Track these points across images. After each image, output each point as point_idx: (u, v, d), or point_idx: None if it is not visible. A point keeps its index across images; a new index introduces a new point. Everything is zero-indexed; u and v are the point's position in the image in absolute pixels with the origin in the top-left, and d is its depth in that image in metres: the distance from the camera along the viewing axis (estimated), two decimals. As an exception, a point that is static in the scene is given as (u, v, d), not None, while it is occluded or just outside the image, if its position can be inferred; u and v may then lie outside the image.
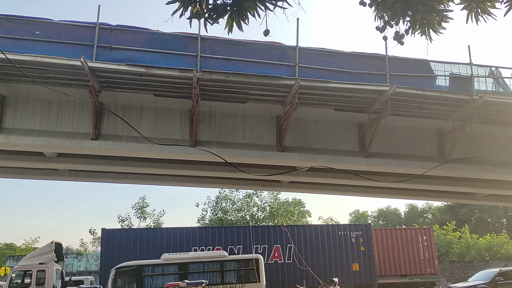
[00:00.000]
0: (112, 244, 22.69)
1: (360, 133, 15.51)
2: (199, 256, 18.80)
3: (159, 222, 42.75)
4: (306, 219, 43.60)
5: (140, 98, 14.09)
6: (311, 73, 13.61)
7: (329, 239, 24.36)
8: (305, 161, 15.20)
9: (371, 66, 14.25)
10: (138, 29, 13.23)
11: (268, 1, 5.00)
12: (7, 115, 13.51)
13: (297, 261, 23.41)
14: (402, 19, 5.70)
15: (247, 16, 5.03)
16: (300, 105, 13.58)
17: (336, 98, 14.37)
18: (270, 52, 13.68)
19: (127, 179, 19.03)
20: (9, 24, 12.50)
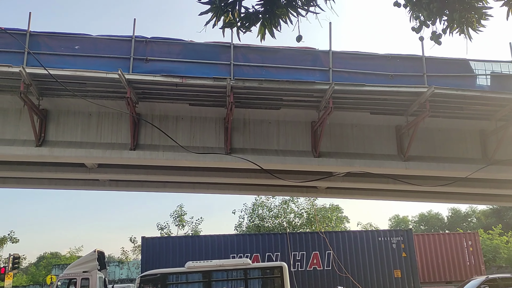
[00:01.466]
0: (152, 252, 23.00)
1: (398, 136, 15.21)
2: (222, 264, 18.81)
3: (197, 230, 43.18)
4: (344, 225, 43.09)
5: (176, 108, 14.29)
6: (345, 77, 13.48)
7: (369, 245, 23.91)
8: (341, 166, 15.02)
9: (408, 68, 13.98)
10: (172, 41, 13.45)
11: (300, 7, 4.99)
12: (50, 128, 13.96)
13: (336, 268, 23.10)
14: (439, 18, 5.56)
15: (279, 23, 5.03)
16: (335, 110, 13.45)
17: (371, 101, 14.16)
18: (303, 58, 13.63)
19: (165, 187, 19.33)
20: (51, 41, 12.95)
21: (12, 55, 12.57)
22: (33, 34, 12.80)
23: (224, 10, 4.74)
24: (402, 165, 14.92)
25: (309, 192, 20.26)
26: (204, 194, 25.84)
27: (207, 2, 4.70)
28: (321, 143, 14.31)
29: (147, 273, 18.51)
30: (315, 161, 14.56)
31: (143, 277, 18.09)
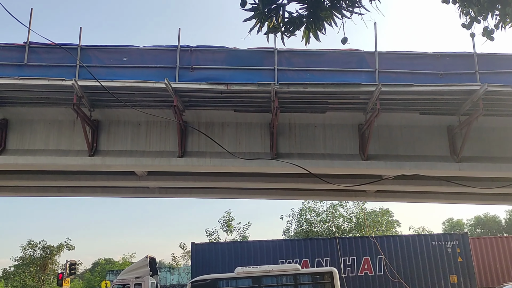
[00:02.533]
0: (202, 258, 23.24)
1: (450, 136, 14.68)
2: (272, 269, 18.66)
3: (245, 236, 43.33)
4: (395, 229, 42.05)
5: (222, 114, 14.42)
6: (392, 78, 13.16)
7: (422, 249, 23.16)
8: (391, 169, 14.65)
9: (458, 66, 13.49)
10: (216, 48, 13.60)
11: (344, 9, 4.90)
12: (101, 138, 14.41)
13: (388, 273, 22.53)
14: (491, 13, 5.32)
15: (323, 26, 4.96)
16: (383, 112, 13.15)
17: (421, 101, 13.75)
18: (348, 60, 13.43)
19: (213, 194, 19.54)
20: (100, 54, 13.40)
21: (64, 69, 13.09)
22: (84, 48, 13.28)
23: (267, 15, 4.72)
24: (456, 166, 14.37)
25: (358, 196, 19.90)
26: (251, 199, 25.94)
27: (250, 9, 4.70)
28: (369, 146, 14.03)
29: (197, 279, 18.71)
30: (363, 164, 14.29)
31: (193, 283, 18.30)
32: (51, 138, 14.35)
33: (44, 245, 44.74)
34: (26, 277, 44.08)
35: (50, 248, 44.64)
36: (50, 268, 44.77)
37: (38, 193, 19.65)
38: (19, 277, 44.56)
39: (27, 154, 14.11)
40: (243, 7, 4.74)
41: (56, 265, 45.55)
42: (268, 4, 4.70)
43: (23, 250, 44.85)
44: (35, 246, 44.69)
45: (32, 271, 44.22)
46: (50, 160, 14.13)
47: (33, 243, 44.67)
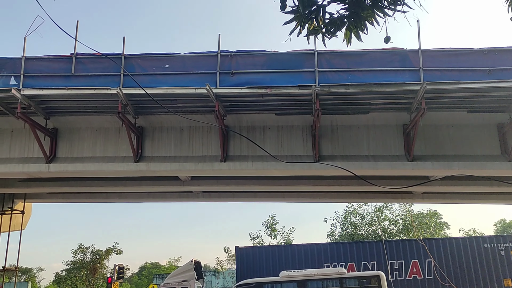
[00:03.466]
0: (246, 262, 23.27)
1: (500, 134, 14.09)
2: (317, 273, 18.38)
3: (289, 239, 43.14)
4: (444, 232, 40.75)
5: (262, 118, 14.42)
6: (437, 76, 12.77)
7: (473, 252, 22.31)
8: (438, 169, 14.21)
9: (507, 61, 12.93)
10: (256, 52, 13.62)
11: (386, 7, 4.77)
12: (146, 144, 14.72)
13: (438, 277, 21.83)
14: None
15: (365, 26, 4.85)
16: (428, 111, 12.78)
17: (468, 99, 13.28)
18: (391, 59, 13.14)
19: (255, 197, 19.57)
20: (143, 62, 13.71)
21: (109, 78, 13.45)
22: (127, 57, 13.61)
23: (308, 17, 4.66)
24: (507, 165, 13.77)
25: (404, 198, 19.45)
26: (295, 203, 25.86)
27: (290, 12, 4.66)
28: (414, 146, 13.66)
29: (242, 282, 18.76)
30: (409, 165, 13.92)
31: (239, 286, 18.36)
32: (98, 145, 14.77)
33: (94, 250, 46.10)
34: (77, 281, 45.55)
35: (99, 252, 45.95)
36: (100, 272, 46.08)
37: (87, 199, 20.30)
38: (70, 281, 46.13)
39: (76, 161, 14.59)
40: (283, 10, 4.70)
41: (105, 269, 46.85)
42: (308, 6, 4.64)
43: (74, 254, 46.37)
44: (85, 250, 46.12)
45: (83, 275, 45.65)
46: (98, 167, 14.54)
47: (83, 247, 46.12)
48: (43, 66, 13.82)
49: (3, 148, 14.79)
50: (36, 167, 14.54)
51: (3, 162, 14.63)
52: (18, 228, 18.62)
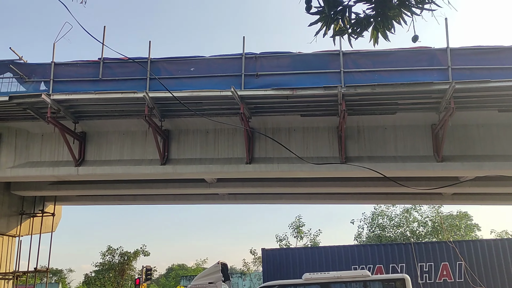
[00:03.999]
0: (273, 264, 23.18)
1: (533, 134, 13.68)
2: (340, 275, 18.11)
3: (316, 241, 42.87)
4: (475, 233, 39.80)
5: (288, 120, 14.37)
6: (466, 75, 12.50)
7: (506, 254, 21.68)
8: (468, 170, 13.90)
9: (540, 58, 12.56)
10: (281, 54, 13.60)
11: (414, 6, 4.68)
12: (172, 147, 14.84)
13: (470, 280, 21.33)
14: None
15: (392, 25, 4.76)
16: (457, 110, 12.49)
17: (499, 98, 12.94)
18: (418, 58, 12.93)
19: (281, 199, 19.51)
20: (169, 66, 13.84)
21: (135, 82, 13.63)
22: (153, 61, 13.77)
23: (334, 18, 4.60)
24: (541, 165, 13.37)
25: (433, 199, 19.09)
26: (321, 204, 25.73)
27: (316, 12, 4.61)
28: (443, 147, 13.39)
29: (266, 284, 18.70)
30: (438, 166, 13.65)
31: None
32: (125, 148, 14.97)
33: (122, 251, 46.72)
34: (106, 282, 46.24)
35: (127, 254, 46.55)
36: (128, 273, 46.68)
37: (115, 202, 20.61)
38: (99, 282, 46.86)
39: (104, 164, 14.81)
40: (308, 11, 4.65)
41: (133, 270, 47.44)
42: (334, 6, 4.58)
43: (103, 256, 47.09)
44: (113, 252, 46.79)
45: (111, 276, 46.32)
46: (125, 170, 14.74)
47: (112, 249, 46.79)
48: (72, 71, 14.11)
49: (34, 152, 15.14)
50: (66, 170, 14.84)
51: (34, 166, 14.98)
52: (49, 230, 19.02)
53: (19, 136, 15.27)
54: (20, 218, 17.94)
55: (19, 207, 17.99)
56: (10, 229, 17.50)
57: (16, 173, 15.09)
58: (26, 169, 14.99)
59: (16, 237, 17.97)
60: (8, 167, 15.02)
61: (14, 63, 14.21)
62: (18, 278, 17.96)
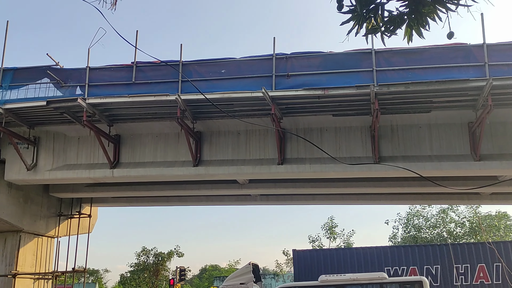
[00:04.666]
0: (304, 265, 23.03)
1: None
2: (356, 278, 17.86)
3: (349, 242, 42.43)
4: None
5: (319, 120, 14.26)
6: (504, 71, 12.12)
7: (549, 256, 20.94)
8: (508, 169, 13.45)
9: None
10: (312, 54, 13.52)
11: (449, 2, 4.55)
12: (204, 149, 14.96)
13: (510, 282, 20.67)
14: None
15: (427, 22, 4.65)
16: (495, 107, 12.12)
17: (540, 94, 12.49)
18: (453, 55, 12.62)
19: (314, 200, 19.38)
20: (200, 68, 13.97)
21: (167, 84, 13.81)
22: (185, 64, 13.92)
23: (366, 17, 4.54)
24: None
25: (471, 199, 18.60)
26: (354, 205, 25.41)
27: (348, 11, 4.55)
28: (481, 145, 13.01)
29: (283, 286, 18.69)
30: (475, 165, 13.29)
31: None
32: (158, 150, 15.19)
33: (156, 252, 47.40)
34: (141, 282, 47.00)
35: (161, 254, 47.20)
36: (162, 274, 47.32)
37: (149, 203, 20.91)
38: (135, 282, 47.67)
39: (138, 166, 15.07)
40: (340, 10, 4.60)
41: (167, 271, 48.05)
42: (366, 4, 4.51)
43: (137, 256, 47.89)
44: (148, 252, 47.51)
45: (146, 276, 47.05)
46: (159, 171, 14.95)
47: (146, 250, 47.53)
48: (106, 76, 14.41)
49: (71, 155, 15.54)
50: (101, 173, 15.17)
51: (71, 168, 15.38)
52: (85, 231, 19.47)
53: (57, 139, 15.70)
54: (58, 219, 18.43)
55: (57, 209, 18.49)
56: (49, 230, 18.01)
57: (54, 176, 15.53)
58: (64, 172, 15.40)
59: (54, 238, 18.47)
60: (46, 170, 15.47)
61: (51, 68, 14.61)
62: (57, 278, 18.45)
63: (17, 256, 16.29)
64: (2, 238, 16.50)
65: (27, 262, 16.77)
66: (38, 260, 17.42)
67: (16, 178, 15.62)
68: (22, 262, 16.51)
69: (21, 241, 16.53)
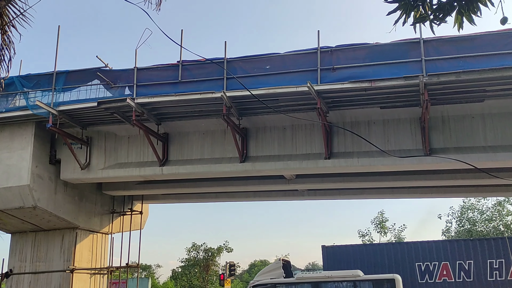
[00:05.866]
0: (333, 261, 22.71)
1: None
2: (331, 275, 17.97)
3: (401, 237, 41.53)
4: None
5: (367, 113, 14.00)
6: (563, 56, 11.43)
7: None
8: None
9: None
10: (357, 46, 13.27)
11: (503, -15, 4.34)
12: (250, 145, 15.02)
13: None
14: None
15: (478, 8, 4.45)
16: (556, 95, 11.48)
17: None
18: (508, 41, 12.02)
19: (362, 194, 19.08)
20: (244, 64, 14.01)
21: (213, 82, 13.94)
22: (229, 61, 14.00)
23: (413, 5, 4.39)
24: None
25: (530, 191, 17.69)
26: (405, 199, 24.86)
27: (394, 1, 4.42)
28: (540, 135, 12.37)
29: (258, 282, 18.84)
30: (534, 156, 12.65)
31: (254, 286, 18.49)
32: (205, 147, 15.39)
33: (206, 248, 48.18)
34: (192, 277, 47.94)
35: (211, 250, 47.93)
36: (212, 269, 48.06)
37: (197, 199, 21.26)
38: (186, 277, 48.68)
39: (186, 163, 15.33)
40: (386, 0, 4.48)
41: (217, 266, 48.75)
42: (413, -8, 4.37)
43: (188, 252, 48.84)
44: (198, 248, 48.38)
45: (197, 271, 47.94)
46: (206, 168, 15.15)
47: (196, 245, 48.39)
48: (153, 75, 14.72)
49: (122, 154, 16.01)
50: (151, 170, 15.54)
51: (122, 167, 15.85)
52: (137, 228, 20.03)
53: (108, 139, 16.21)
54: (111, 216, 19.06)
55: (110, 206, 19.12)
56: (103, 227, 18.65)
57: (107, 174, 16.05)
58: (116, 170, 15.89)
59: (108, 234, 19.11)
60: (99, 169, 16.01)
61: (101, 70, 15.07)
62: (112, 273, 19.10)
63: (74, 252, 16.96)
64: (59, 235, 17.23)
65: (83, 257, 17.45)
66: (94, 256, 18.09)
67: (71, 177, 16.25)
68: (79, 258, 17.19)
69: (78, 238, 17.21)
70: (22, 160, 15.09)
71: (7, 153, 15.28)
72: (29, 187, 14.93)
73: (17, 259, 17.32)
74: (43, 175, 15.59)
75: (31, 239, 17.40)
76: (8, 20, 6.35)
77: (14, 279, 17.11)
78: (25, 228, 17.09)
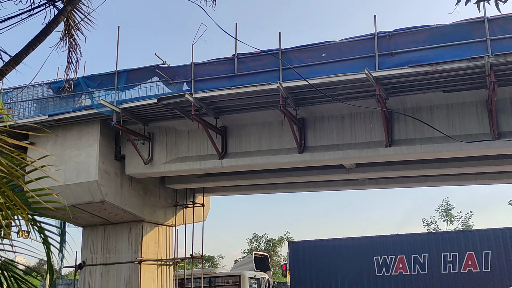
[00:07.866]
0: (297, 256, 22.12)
1: None
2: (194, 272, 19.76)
3: (468, 224, 39.92)
4: None
5: (428, 97, 13.50)
6: None
7: None
8: None
9: None
10: (416, 29, 12.81)
11: None
12: (308, 135, 14.93)
13: None
14: None
15: (551, -21, 4.15)
16: None
17: None
18: None
19: (426, 182, 18.48)
20: (300, 54, 13.90)
21: (268, 73, 13.93)
22: (284, 51, 13.93)
23: (478, -19, 4.17)
24: None
25: None
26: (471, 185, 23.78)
27: (457, -22, 4.22)
28: None
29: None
30: None
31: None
32: (263, 139, 15.45)
33: (267, 238, 48.59)
34: (255, 267, 48.48)
35: (272, 241, 48.29)
36: (274, 259, 48.43)
37: (257, 191, 21.42)
38: (248, 267, 49.28)
39: (245, 155, 15.47)
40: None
41: (279, 256, 49.06)
42: (477, -32, 4.14)
43: (249, 243, 49.47)
44: (259, 239, 48.89)
45: (259, 262, 48.42)
46: (265, 160, 15.22)
47: (257, 236, 48.92)
48: (210, 70, 14.93)
49: (182, 148, 16.40)
50: (211, 163, 15.82)
51: (183, 161, 16.24)
52: (200, 220, 20.46)
53: (169, 134, 16.66)
54: (174, 209, 19.60)
55: (173, 199, 19.66)
56: (167, 220, 19.23)
57: (169, 168, 16.51)
58: (177, 164, 16.32)
59: (172, 226, 19.68)
60: (161, 163, 16.51)
61: (160, 67, 15.47)
62: (177, 264, 19.69)
63: (141, 244, 17.62)
64: (127, 228, 17.95)
65: (150, 249, 18.10)
66: (160, 247, 18.71)
67: (136, 172, 16.85)
68: (146, 250, 17.84)
69: (144, 230, 17.85)
70: (90, 157, 15.81)
71: (76, 150, 16.06)
72: (97, 183, 15.63)
73: (89, 251, 18.25)
74: (110, 171, 16.27)
75: (101, 232, 18.25)
76: (74, 24, 6.64)
77: (87, 270, 18.05)
78: (95, 222, 17.94)
